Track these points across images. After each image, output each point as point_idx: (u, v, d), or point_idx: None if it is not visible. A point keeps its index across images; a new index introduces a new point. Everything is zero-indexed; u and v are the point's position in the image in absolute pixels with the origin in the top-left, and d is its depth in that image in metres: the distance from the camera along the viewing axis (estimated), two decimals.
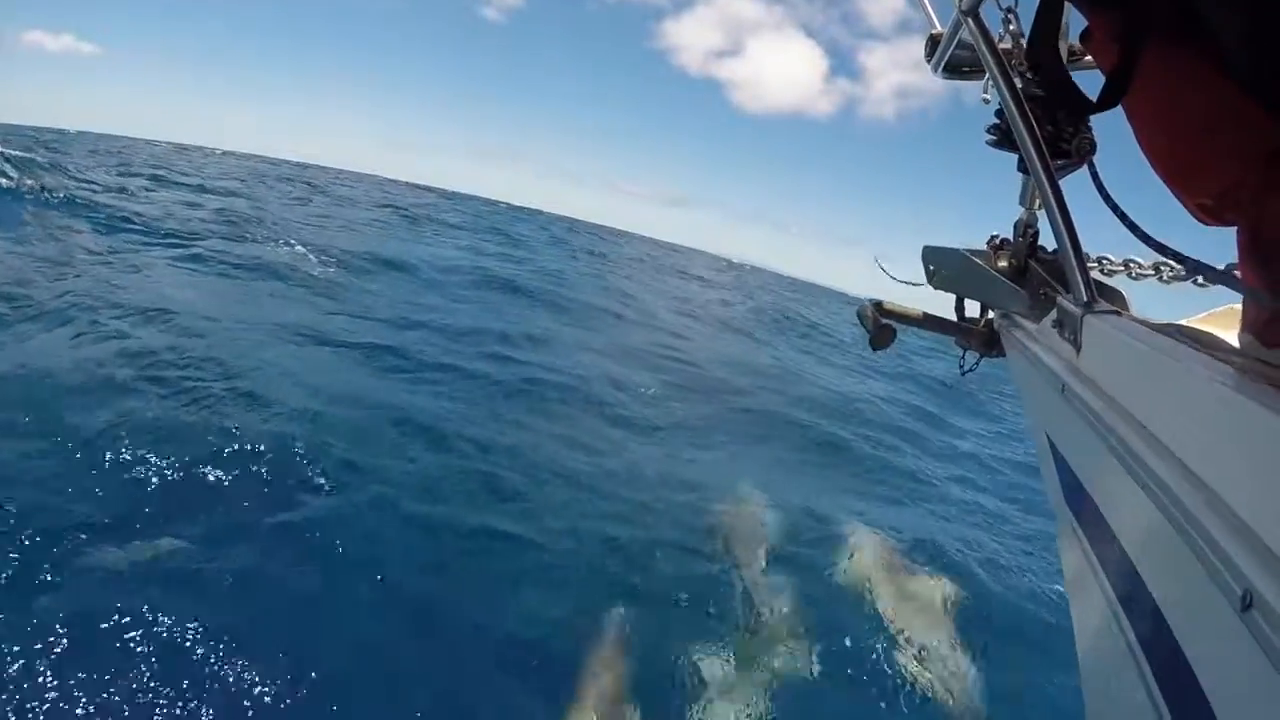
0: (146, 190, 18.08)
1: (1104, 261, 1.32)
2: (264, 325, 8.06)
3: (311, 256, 12.59)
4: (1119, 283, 1.27)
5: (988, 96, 1.34)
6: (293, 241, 13.56)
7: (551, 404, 7.67)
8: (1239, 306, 0.88)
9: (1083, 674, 1.06)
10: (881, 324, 1.64)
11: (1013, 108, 1.12)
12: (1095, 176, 1.12)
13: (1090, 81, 1.04)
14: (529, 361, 9.16)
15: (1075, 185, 1.15)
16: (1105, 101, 0.82)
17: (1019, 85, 1.15)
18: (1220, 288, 1.15)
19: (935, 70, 1.52)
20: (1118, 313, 1.06)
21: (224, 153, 61.98)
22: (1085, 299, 1.05)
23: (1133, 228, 0.90)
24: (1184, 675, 0.63)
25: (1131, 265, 1.29)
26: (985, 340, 1.82)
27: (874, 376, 15.67)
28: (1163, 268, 1.22)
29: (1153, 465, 0.71)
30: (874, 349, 1.67)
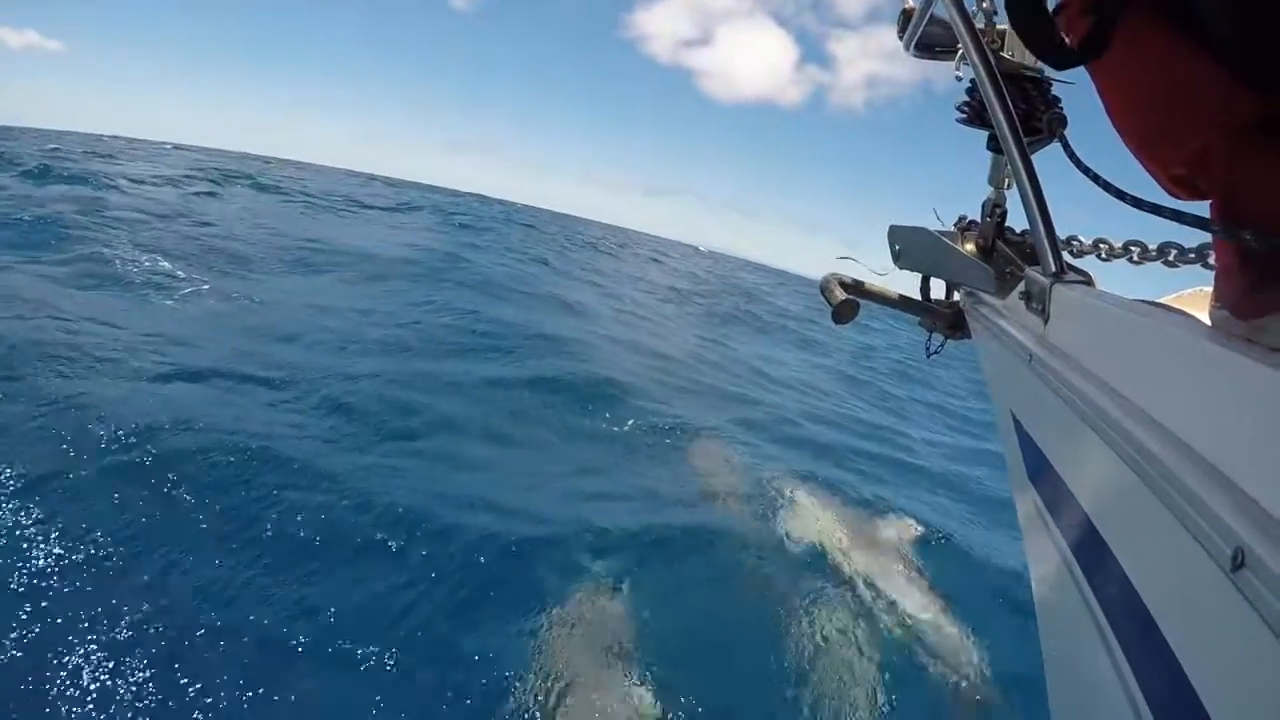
0: (14, 189, 15.62)
1: (1074, 242, 1.32)
2: (64, 347, 6.57)
3: (167, 263, 10.83)
4: (1089, 264, 1.28)
5: (960, 74, 1.35)
6: (151, 247, 11.72)
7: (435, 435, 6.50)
8: (1209, 289, 0.89)
9: (1046, 653, 1.06)
10: (844, 299, 1.63)
11: (986, 82, 1.13)
12: (1067, 147, 1.13)
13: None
14: (411, 378, 7.74)
15: (1043, 167, 1.16)
16: (1081, 55, 0.82)
17: (992, 61, 1.15)
18: (1190, 272, 1.17)
19: (908, 47, 1.53)
20: (1085, 282, 1.06)
21: (175, 146, 59.23)
22: (1054, 270, 1.05)
23: (1107, 186, 0.90)
24: (1157, 644, 0.62)
25: (1102, 246, 1.30)
26: (951, 321, 1.84)
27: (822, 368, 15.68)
28: (1133, 248, 1.23)
29: (1128, 428, 0.70)
30: (836, 323, 1.67)
